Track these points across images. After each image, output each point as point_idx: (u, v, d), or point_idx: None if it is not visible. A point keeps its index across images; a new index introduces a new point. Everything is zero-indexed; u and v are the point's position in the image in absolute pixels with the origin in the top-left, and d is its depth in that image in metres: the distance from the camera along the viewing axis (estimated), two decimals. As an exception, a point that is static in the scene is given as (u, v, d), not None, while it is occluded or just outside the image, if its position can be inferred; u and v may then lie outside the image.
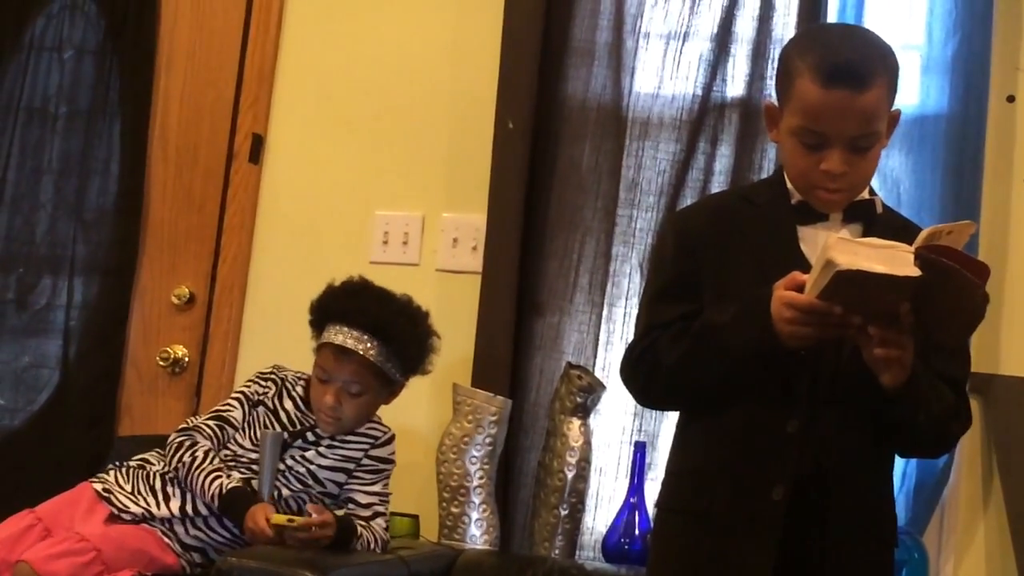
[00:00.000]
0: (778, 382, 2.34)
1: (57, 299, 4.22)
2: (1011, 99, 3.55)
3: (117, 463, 3.44)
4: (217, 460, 3.31)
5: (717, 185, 3.64)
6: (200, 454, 3.30)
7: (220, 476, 3.25)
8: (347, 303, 3.38)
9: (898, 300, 2.17)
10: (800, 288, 2.23)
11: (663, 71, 3.75)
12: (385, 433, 3.42)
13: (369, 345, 3.33)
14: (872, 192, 2.48)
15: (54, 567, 3.08)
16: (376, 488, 3.37)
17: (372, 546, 3.22)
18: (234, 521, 3.23)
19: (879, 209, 2.46)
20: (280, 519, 3.11)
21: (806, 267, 2.26)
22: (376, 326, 3.34)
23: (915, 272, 2.11)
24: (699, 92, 3.70)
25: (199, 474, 3.26)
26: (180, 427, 3.41)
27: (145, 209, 4.22)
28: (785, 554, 2.33)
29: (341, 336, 3.33)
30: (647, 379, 2.48)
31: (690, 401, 2.50)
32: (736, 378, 2.36)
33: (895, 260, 2.13)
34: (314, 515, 3.13)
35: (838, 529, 2.35)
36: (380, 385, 3.38)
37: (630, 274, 3.71)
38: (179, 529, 3.29)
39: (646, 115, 3.75)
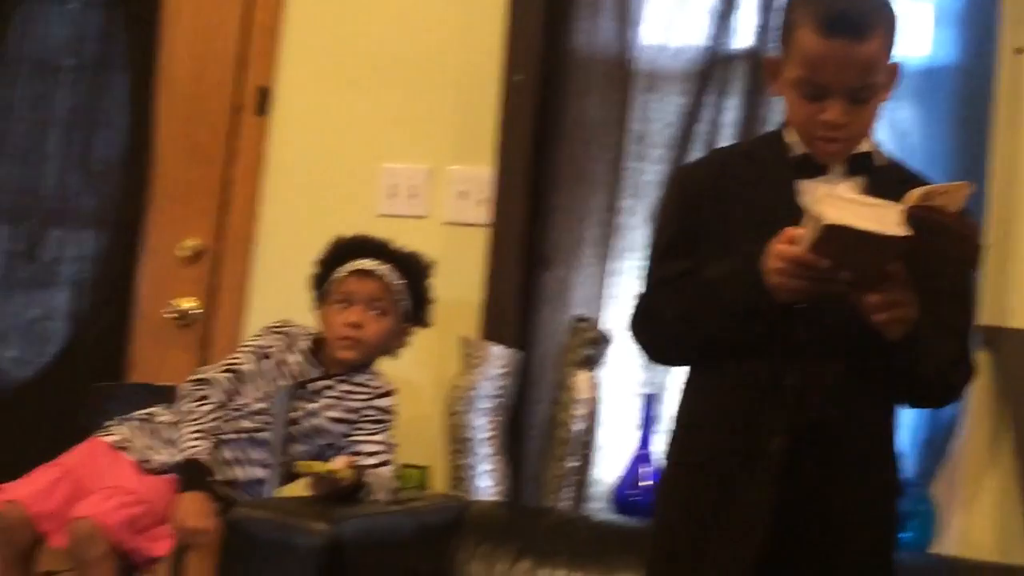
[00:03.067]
0: (777, 335, 2.36)
1: (66, 251, 4.23)
2: (1021, 51, 3.53)
3: (120, 417, 3.45)
4: (213, 421, 3.31)
5: (725, 138, 3.63)
6: (203, 409, 3.32)
7: (200, 440, 3.27)
8: (360, 243, 3.45)
9: (887, 259, 2.17)
10: (795, 243, 2.24)
11: (671, 23, 3.74)
12: (386, 386, 3.44)
13: (387, 269, 3.39)
14: (873, 144, 2.48)
15: (115, 519, 3.10)
16: (381, 437, 3.38)
17: (380, 494, 3.23)
18: (180, 486, 3.23)
19: (880, 161, 2.47)
20: (319, 467, 3.11)
21: None
22: (391, 258, 3.42)
23: (903, 231, 2.12)
24: (707, 44, 3.69)
25: (188, 426, 3.30)
26: (194, 377, 3.43)
27: (153, 162, 4.22)
28: (788, 505, 2.34)
29: (361, 264, 3.37)
30: (650, 336, 2.51)
31: (692, 356, 2.51)
32: (733, 332, 2.38)
33: (884, 218, 2.13)
34: (340, 464, 3.15)
35: (842, 478, 2.37)
36: (396, 315, 3.42)
37: (638, 227, 3.69)
38: (199, 481, 3.32)
39: (654, 67, 3.74)
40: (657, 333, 2.48)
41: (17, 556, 3.21)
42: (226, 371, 3.42)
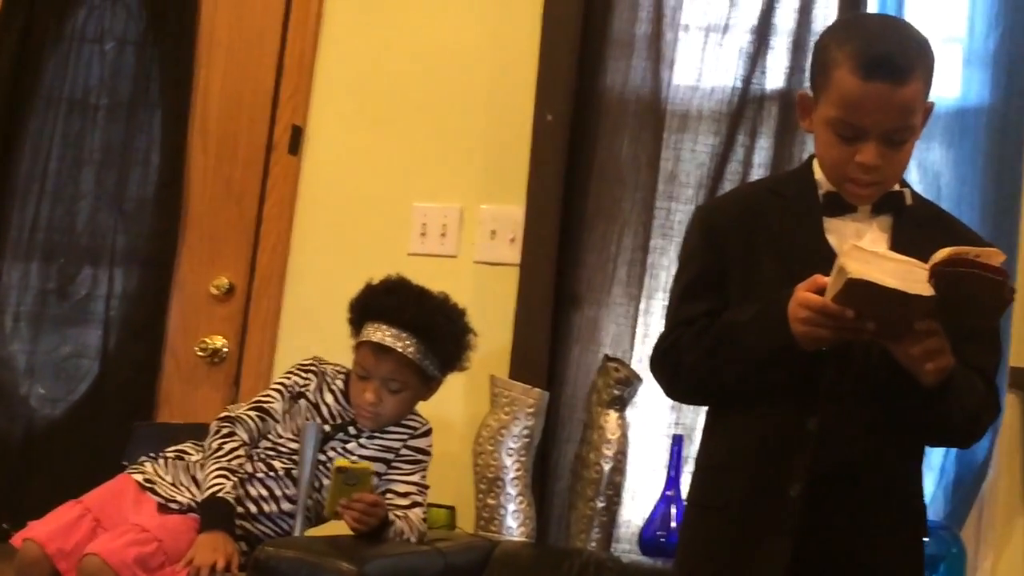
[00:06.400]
0: (800, 380, 2.33)
1: (97, 289, 4.25)
2: (1053, 92, 3.53)
3: (152, 455, 3.46)
4: (237, 459, 3.32)
5: (756, 178, 3.63)
6: (227, 447, 3.33)
7: (224, 478, 3.27)
8: (385, 301, 3.39)
9: (911, 315, 2.16)
10: (821, 291, 2.22)
11: (702, 63, 3.74)
12: (423, 425, 3.44)
13: (407, 343, 3.34)
14: (903, 183, 2.46)
15: (123, 557, 3.10)
16: (415, 478, 3.38)
17: (407, 535, 3.23)
18: (201, 526, 3.23)
19: (908, 201, 2.44)
20: (343, 462, 3.14)
21: (833, 260, 2.25)
22: (414, 323, 3.36)
23: (927, 291, 2.10)
24: (738, 84, 3.69)
25: (212, 464, 3.30)
26: (222, 415, 3.43)
27: (185, 200, 4.25)
28: (809, 550, 2.32)
29: (380, 334, 3.34)
30: (672, 376, 2.49)
31: (714, 397, 2.50)
32: (756, 376, 2.36)
33: (909, 276, 2.12)
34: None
35: (866, 522, 2.34)
36: (419, 382, 3.40)
37: (668, 267, 3.69)
38: (225, 520, 3.32)
39: (685, 107, 3.74)
40: (678, 373, 2.46)
41: None
42: (254, 409, 3.42)
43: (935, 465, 3.35)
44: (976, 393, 2.36)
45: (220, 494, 3.24)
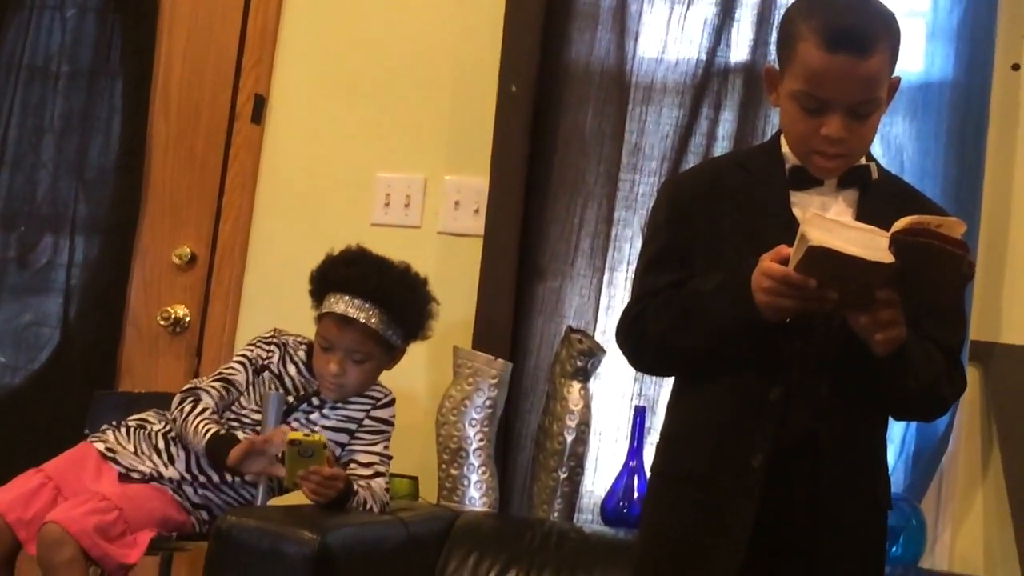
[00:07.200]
0: (764, 350, 2.34)
1: (58, 258, 4.23)
2: (1016, 67, 3.54)
3: (114, 423, 3.45)
4: (215, 417, 3.31)
5: (720, 150, 3.64)
6: (200, 407, 3.31)
7: (212, 424, 3.27)
8: (347, 271, 3.38)
9: (873, 283, 2.17)
10: (785, 261, 2.22)
11: (667, 35, 3.74)
12: (387, 395, 3.44)
13: (370, 313, 3.34)
14: (869, 157, 2.47)
15: (83, 525, 3.09)
16: (377, 448, 3.38)
17: (370, 505, 3.23)
18: (218, 463, 3.25)
19: (875, 175, 2.45)
20: (296, 435, 3.14)
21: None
22: (376, 294, 3.35)
23: (888, 259, 2.11)
24: (703, 57, 3.69)
25: (193, 419, 3.28)
26: (185, 387, 3.42)
27: (147, 168, 4.22)
28: (771, 519, 2.33)
29: (342, 305, 3.34)
30: (637, 346, 2.49)
31: (679, 368, 2.51)
32: (720, 347, 2.37)
33: (870, 244, 2.12)
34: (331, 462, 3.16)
35: (830, 493, 2.35)
36: (382, 352, 3.40)
37: (632, 239, 3.70)
38: (187, 489, 3.32)
39: (650, 79, 3.74)
40: (644, 344, 2.46)
41: None
42: (219, 381, 3.41)
43: (896, 437, 3.37)
44: (934, 366, 2.37)
45: (221, 432, 3.24)
